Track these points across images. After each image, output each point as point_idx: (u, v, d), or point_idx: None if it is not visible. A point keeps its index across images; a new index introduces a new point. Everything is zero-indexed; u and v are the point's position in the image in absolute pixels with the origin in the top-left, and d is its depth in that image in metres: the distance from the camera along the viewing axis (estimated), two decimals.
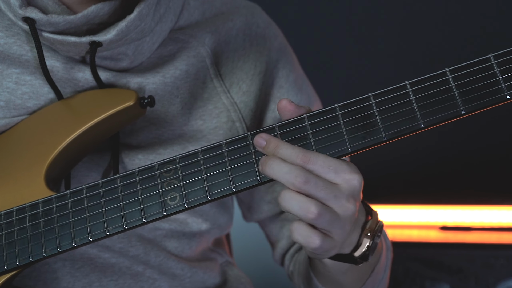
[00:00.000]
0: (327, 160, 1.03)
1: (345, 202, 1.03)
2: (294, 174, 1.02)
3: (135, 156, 1.28)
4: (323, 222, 1.02)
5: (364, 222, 1.13)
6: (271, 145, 1.05)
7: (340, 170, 1.03)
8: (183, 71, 1.30)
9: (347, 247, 1.12)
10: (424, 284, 2.30)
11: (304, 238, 1.03)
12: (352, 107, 1.04)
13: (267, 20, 1.42)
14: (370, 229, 1.12)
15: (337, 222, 1.03)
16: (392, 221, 2.53)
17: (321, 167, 1.03)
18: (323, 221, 1.02)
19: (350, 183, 1.04)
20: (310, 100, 1.42)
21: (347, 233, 1.06)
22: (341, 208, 1.03)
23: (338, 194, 1.03)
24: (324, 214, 1.01)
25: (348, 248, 1.12)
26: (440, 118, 1.01)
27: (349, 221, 1.05)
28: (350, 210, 1.04)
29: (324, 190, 1.02)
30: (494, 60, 0.99)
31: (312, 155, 1.03)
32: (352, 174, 1.04)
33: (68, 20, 1.19)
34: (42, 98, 1.25)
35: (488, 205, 2.53)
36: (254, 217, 1.46)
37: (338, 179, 1.03)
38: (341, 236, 1.06)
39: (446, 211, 2.53)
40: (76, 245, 1.13)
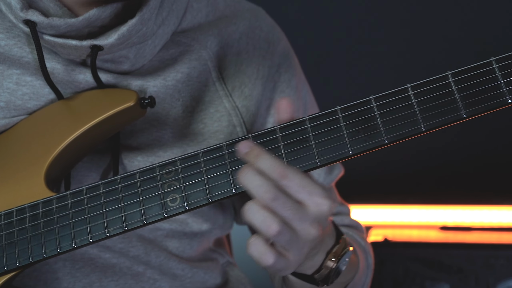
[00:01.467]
0: (304, 180, 1.03)
1: (309, 225, 1.03)
2: (264, 189, 1.01)
3: (134, 158, 1.28)
4: (281, 241, 1.02)
5: (332, 246, 1.13)
6: (253, 153, 1.04)
7: (313, 193, 1.03)
8: (184, 74, 1.30)
9: (309, 269, 1.12)
10: (424, 284, 2.30)
11: (259, 254, 1.03)
12: (353, 109, 1.04)
13: (271, 23, 1.41)
14: (335, 254, 1.13)
15: (296, 243, 1.03)
16: (392, 221, 2.54)
17: (296, 185, 1.02)
18: (281, 239, 1.02)
19: (320, 208, 1.03)
20: (305, 108, 1.42)
21: (304, 255, 1.06)
22: (303, 231, 1.03)
23: (304, 216, 1.02)
24: (284, 233, 1.01)
25: (310, 270, 1.13)
26: (442, 122, 1.01)
27: (309, 245, 1.05)
28: (311, 235, 1.03)
29: (290, 210, 1.01)
30: (496, 64, 0.99)
31: (290, 172, 1.02)
32: (324, 200, 1.03)
33: (69, 23, 1.18)
34: (42, 99, 1.25)
35: (488, 205, 2.53)
36: (244, 221, 1.46)
37: (309, 201, 1.03)
38: (297, 257, 1.05)
39: (446, 211, 2.53)
40: (76, 246, 1.13)
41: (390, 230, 2.47)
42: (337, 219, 1.44)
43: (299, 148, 1.06)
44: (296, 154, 1.06)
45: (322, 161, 1.05)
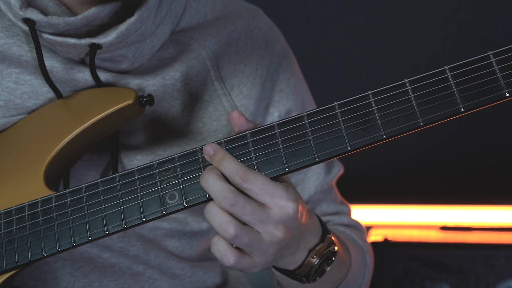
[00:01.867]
0: (266, 183, 1.04)
1: (273, 228, 1.04)
2: (223, 194, 1.03)
3: (133, 157, 1.28)
4: (240, 243, 1.04)
5: (315, 244, 1.14)
6: (217, 156, 1.06)
7: (276, 195, 1.04)
8: (183, 73, 1.30)
9: (290, 264, 1.13)
10: (424, 284, 2.30)
11: (220, 254, 1.06)
12: (351, 105, 1.04)
13: (269, 23, 1.42)
14: (318, 252, 1.13)
15: (259, 245, 1.05)
16: (392, 221, 2.54)
17: (258, 188, 1.04)
18: (240, 242, 1.04)
19: (284, 210, 1.04)
20: (304, 107, 1.43)
21: (271, 255, 1.07)
22: (267, 234, 1.05)
23: (266, 219, 1.04)
24: (241, 236, 1.03)
25: (292, 266, 1.14)
26: (440, 116, 1.01)
27: (274, 246, 1.06)
28: (276, 237, 1.05)
29: (250, 215, 1.03)
30: (494, 58, 0.99)
31: (252, 175, 1.04)
32: (288, 202, 1.05)
33: (68, 21, 1.18)
34: (41, 97, 1.25)
35: (488, 205, 2.53)
36: None
37: (272, 204, 1.04)
38: (263, 258, 1.07)
39: (446, 211, 2.53)
40: (75, 244, 1.13)
41: (390, 230, 2.47)
42: (336, 218, 1.45)
43: (297, 144, 1.06)
44: (294, 150, 1.06)
45: (320, 156, 1.05)
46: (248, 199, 1.04)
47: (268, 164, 1.07)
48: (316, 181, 1.42)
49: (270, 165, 1.07)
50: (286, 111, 1.39)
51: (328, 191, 1.45)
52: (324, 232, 1.15)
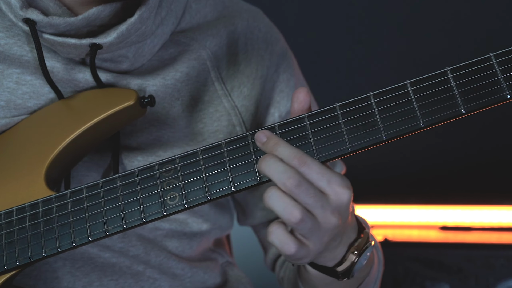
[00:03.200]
0: (323, 168, 1.03)
1: (330, 214, 1.03)
2: (288, 175, 1.01)
3: (134, 158, 1.28)
4: (303, 229, 1.02)
5: (354, 239, 1.13)
6: (271, 142, 1.05)
7: (333, 181, 1.03)
8: (184, 74, 1.30)
9: (330, 261, 1.12)
10: (424, 284, 2.30)
11: (281, 243, 1.03)
12: (352, 106, 1.04)
13: (268, 24, 1.42)
14: (358, 247, 1.13)
15: (317, 231, 1.03)
16: (392, 221, 2.54)
17: (315, 173, 1.02)
18: (303, 227, 1.02)
19: (339, 197, 1.03)
20: None
21: (323, 244, 1.06)
22: (324, 219, 1.03)
23: (325, 204, 1.02)
24: (306, 221, 1.01)
25: (331, 262, 1.12)
26: (441, 118, 1.00)
27: (329, 234, 1.05)
28: (332, 223, 1.03)
29: (313, 197, 1.02)
30: (495, 59, 0.99)
31: (309, 160, 1.03)
32: (343, 189, 1.03)
33: (69, 22, 1.18)
34: (42, 98, 1.25)
35: (488, 205, 2.53)
36: (248, 221, 1.46)
37: (328, 190, 1.03)
38: (317, 246, 1.05)
39: (446, 211, 2.53)
40: (75, 245, 1.13)
41: (390, 230, 2.47)
42: None
43: (298, 145, 1.06)
44: None
45: (321, 158, 1.05)
46: (310, 182, 1.02)
47: None
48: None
49: None
50: (287, 112, 1.39)
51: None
52: (361, 228, 1.15)
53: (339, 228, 1.06)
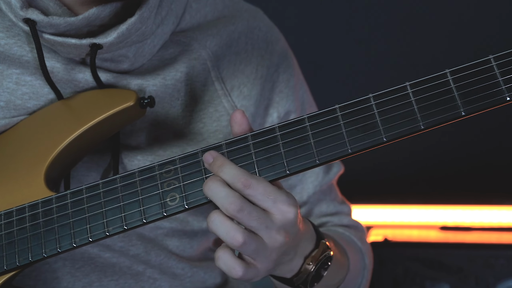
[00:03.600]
0: (268, 188, 1.04)
1: (275, 233, 1.05)
2: (230, 200, 1.03)
3: (134, 157, 1.28)
4: (247, 251, 1.04)
5: (311, 250, 1.14)
6: (217, 163, 1.06)
7: (278, 201, 1.04)
8: (184, 74, 1.30)
9: (288, 272, 1.13)
10: (424, 284, 2.30)
11: (228, 268, 1.05)
12: (353, 108, 1.04)
13: (269, 24, 1.42)
14: (314, 258, 1.14)
15: (263, 251, 1.05)
16: (392, 221, 2.54)
17: (260, 194, 1.04)
18: (247, 249, 1.04)
19: (285, 216, 1.05)
20: (303, 108, 1.43)
21: (273, 262, 1.07)
22: (270, 239, 1.05)
23: (270, 224, 1.04)
24: (249, 243, 1.03)
25: (289, 273, 1.14)
26: (440, 120, 1.00)
27: (276, 251, 1.06)
28: (278, 242, 1.05)
29: (257, 220, 1.03)
30: (494, 62, 0.99)
31: (253, 181, 1.04)
32: (289, 207, 1.05)
33: (69, 22, 1.18)
34: (42, 98, 1.25)
35: (488, 205, 2.53)
36: None
37: (274, 209, 1.04)
38: (266, 264, 1.07)
39: (446, 211, 2.53)
40: (76, 246, 1.13)
41: (390, 230, 2.47)
42: (335, 219, 1.45)
43: (298, 147, 1.06)
44: (295, 152, 1.06)
45: (321, 159, 1.05)
46: (253, 205, 1.04)
47: (269, 167, 1.07)
48: (315, 181, 1.42)
49: (271, 167, 1.07)
50: (285, 112, 1.39)
51: (327, 191, 1.45)
52: (319, 238, 1.16)
53: (288, 245, 1.07)
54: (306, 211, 1.42)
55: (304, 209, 1.42)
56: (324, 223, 1.44)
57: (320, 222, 1.43)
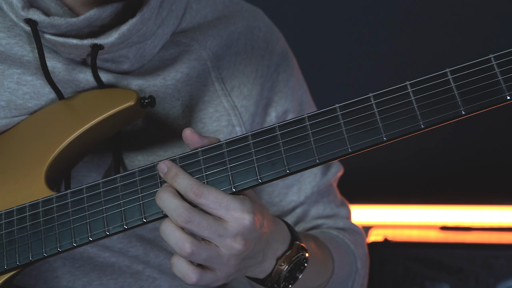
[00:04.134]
0: (220, 197, 1.05)
1: (231, 241, 1.05)
2: (178, 212, 1.04)
3: (135, 157, 1.28)
4: (198, 259, 1.05)
5: (284, 251, 1.14)
6: (170, 173, 1.08)
7: (231, 208, 1.05)
8: (184, 74, 1.30)
9: (260, 273, 1.14)
10: (424, 284, 2.30)
11: (182, 274, 1.07)
12: (353, 107, 1.04)
13: (269, 24, 1.42)
14: (286, 259, 1.14)
15: (218, 259, 1.06)
16: (392, 221, 2.54)
17: (212, 202, 1.05)
18: (198, 258, 1.05)
19: (240, 222, 1.05)
20: (301, 108, 1.43)
21: (234, 267, 1.08)
22: (225, 247, 1.05)
23: (224, 233, 1.05)
24: (198, 253, 1.04)
25: (262, 274, 1.15)
26: (441, 119, 1.00)
27: (235, 258, 1.07)
28: (235, 249, 1.06)
29: (207, 230, 1.04)
30: (495, 61, 0.99)
31: (205, 190, 1.05)
32: (243, 214, 1.05)
33: (70, 22, 1.18)
34: (43, 98, 1.25)
35: (488, 205, 2.53)
36: None
37: (228, 217, 1.05)
38: (226, 270, 1.08)
39: (446, 211, 2.53)
40: (76, 245, 1.13)
41: (390, 230, 2.47)
42: (330, 221, 1.44)
43: (298, 146, 1.06)
44: (295, 152, 1.06)
45: (321, 158, 1.05)
46: (204, 215, 1.05)
47: (270, 166, 1.07)
48: (313, 181, 1.41)
49: (271, 166, 1.07)
50: (283, 112, 1.39)
51: (325, 192, 1.45)
52: (293, 239, 1.16)
53: (249, 250, 1.08)
54: (302, 212, 1.42)
55: (300, 209, 1.42)
56: (319, 225, 1.44)
57: (315, 224, 1.43)
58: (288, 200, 1.41)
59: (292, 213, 1.42)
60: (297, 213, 1.42)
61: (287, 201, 1.41)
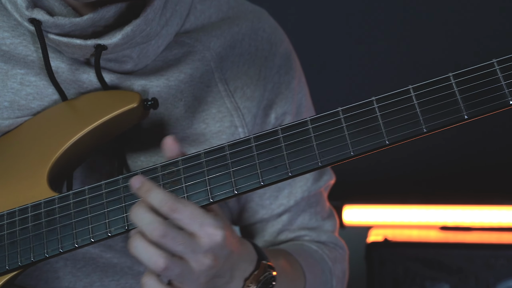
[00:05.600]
0: (194, 212, 1.05)
1: (202, 257, 1.05)
2: (153, 226, 1.04)
3: (137, 158, 1.28)
4: (171, 275, 1.05)
5: (251, 272, 1.15)
6: (143, 188, 1.07)
7: (205, 224, 1.05)
8: (187, 75, 1.30)
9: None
10: (424, 284, 2.31)
11: None
12: (355, 111, 1.04)
13: (273, 25, 1.42)
14: (253, 280, 1.14)
15: (189, 275, 1.06)
16: (392, 221, 2.54)
17: (187, 218, 1.05)
18: (171, 274, 1.05)
19: (212, 238, 1.05)
20: (299, 111, 1.43)
21: (202, 285, 1.08)
22: (197, 262, 1.05)
23: (196, 248, 1.05)
24: (172, 268, 1.04)
25: None
26: (443, 123, 1.01)
27: (204, 275, 1.07)
28: (205, 265, 1.06)
29: (182, 244, 1.04)
30: (498, 66, 0.99)
31: (180, 205, 1.05)
32: (216, 230, 1.05)
33: (74, 22, 1.18)
34: (46, 99, 1.25)
35: (488, 205, 2.54)
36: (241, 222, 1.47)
37: (201, 233, 1.05)
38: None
39: (446, 211, 2.53)
40: (78, 246, 1.13)
41: (390, 230, 2.48)
42: (313, 234, 1.44)
43: (301, 149, 1.06)
44: (298, 155, 1.06)
45: (323, 161, 1.05)
46: (178, 229, 1.05)
47: (272, 169, 1.07)
48: (304, 186, 1.41)
49: (273, 169, 1.07)
50: (282, 113, 1.39)
51: (314, 202, 1.44)
52: (260, 259, 1.16)
53: (217, 267, 1.08)
54: (288, 219, 1.42)
55: (287, 216, 1.42)
56: (301, 236, 1.43)
57: (298, 234, 1.43)
58: (278, 203, 1.41)
59: (278, 219, 1.42)
60: (283, 220, 1.42)
61: (277, 204, 1.41)
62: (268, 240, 1.43)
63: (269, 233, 1.43)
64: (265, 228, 1.43)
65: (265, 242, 1.43)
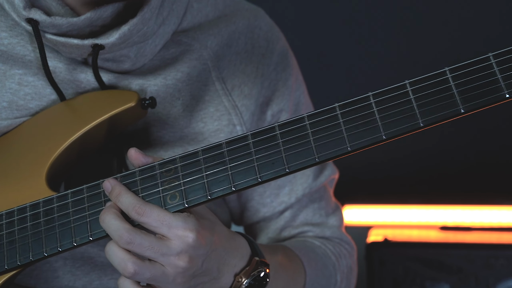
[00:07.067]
0: (162, 215, 1.06)
1: (175, 259, 1.06)
2: (119, 233, 1.05)
3: None
4: (142, 279, 1.07)
5: (242, 267, 1.15)
6: (114, 192, 1.09)
7: (173, 226, 1.06)
8: (185, 74, 1.30)
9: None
10: (424, 284, 2.30)
11: None
12: (352, 106, 1.04)
13: (269, 23, 1.42)
14: (244, 275, 1.14)
15: (164, 277, 1.07)
16: (392, 221, 2.54)
17: (154, 221, 1.06)
18: (141, 278, 1.06)
19: (183, 240, 1.06)
20: (297, 108, 1.43)
21: (181, 285, 1.09)
22: (170, 265, 1.06)
23: (167, 251, 1.06)
24: (141, 272, 1.05)
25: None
26: (440, 117, 1.01)
27: (182, 275, 1.08)
28: (180, 266, 1.06)
29: (149, 250, 1.05)
30: (494, 59, 0.99)
31: (147, 209, 1.06)
32: (185, 231, 1.06)
33: (71, 22, 1.19)
34: (44, 99, 1.25)
35: (488, 205, 2.53)
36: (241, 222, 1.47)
37: (170, 235, 1.06)
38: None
39: (446, 211, 2.53)
40: (76, 245, 1.13)
41: (390, 230, 2.48)
42: (317, 230, 1.44)
43: (298, 145, 1.06)
44: (295, 151, 1.06)
45: (320, 157, 1.05)
46: (145, 235, 1.06)
47: (269, 165, 1.07)
48: (305, 183, 1.41)
49: (271, 165, 1.07)
50: (279, 111, 1.39)
51: (317, 197, 1.44)
52: (253, 255, 1.16)
53: (195, 267, 1.08)
54: (291, 216, 1.42)
55: (289, 213, 1.42)
56: (305, 232, 1.43)
57: (301, 230, 1.43)
58: (279, 201, 1.41)
59: (281, 216, 1.42)
60: (286, 216, 1.42)
61: (278, 202, 1.41)
62: (272, 237, 1.43)
63: (272, 230, 1.43)
64: (268, 225, 1.43)
65: (269, 239, 1.43)
